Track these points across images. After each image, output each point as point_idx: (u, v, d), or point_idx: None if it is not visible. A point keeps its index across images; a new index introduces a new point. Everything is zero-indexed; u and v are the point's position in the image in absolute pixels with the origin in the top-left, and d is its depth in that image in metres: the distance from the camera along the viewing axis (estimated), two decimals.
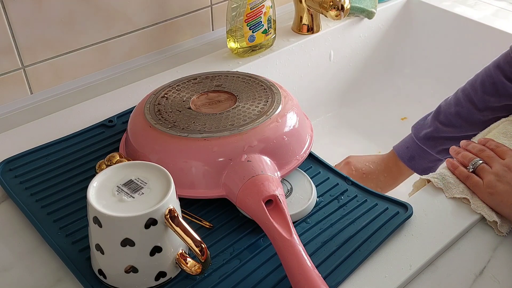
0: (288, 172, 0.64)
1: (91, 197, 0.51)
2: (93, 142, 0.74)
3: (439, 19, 1.13)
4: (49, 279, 0.57)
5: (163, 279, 0.54)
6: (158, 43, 0.95)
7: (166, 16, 0.93)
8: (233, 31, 0.93)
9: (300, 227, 0.62)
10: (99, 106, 0.82)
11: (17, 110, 0.82)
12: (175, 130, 0.63)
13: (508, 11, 1.11)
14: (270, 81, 0.73)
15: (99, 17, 0.85)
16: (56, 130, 0.76)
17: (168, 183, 0.53)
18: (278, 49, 0.98)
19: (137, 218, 0.50)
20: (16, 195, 0.65)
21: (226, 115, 0.66)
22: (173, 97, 0.70)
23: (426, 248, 0.60)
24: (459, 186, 0.66)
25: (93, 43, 0.87)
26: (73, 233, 0.60)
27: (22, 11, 0.78)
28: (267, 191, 0.57)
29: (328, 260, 0.57)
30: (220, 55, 0.96)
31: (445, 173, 0.68)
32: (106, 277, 0.54)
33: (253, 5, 0.90)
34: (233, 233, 0.61)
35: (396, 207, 0.64)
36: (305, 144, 0.68)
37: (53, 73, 0.85)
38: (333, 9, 0.92)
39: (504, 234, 0.62)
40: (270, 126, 0.64)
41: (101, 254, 0.53)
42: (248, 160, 0.61)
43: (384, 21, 1.15)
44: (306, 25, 1.02)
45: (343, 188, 0.67)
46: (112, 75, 0.91)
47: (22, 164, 0.70)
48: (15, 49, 0.79)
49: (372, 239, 0.60)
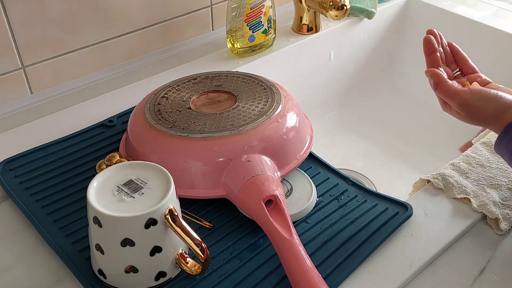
0: (288, 172, 0.64)
1: (91, 197, 0.51)
2: (93, 142, 0.74)
3: (439, 19, 1.13)
4: (49, 279, 0.57)
5: (163, 279, 0.55)
6: (158, 43, 0.95)
7: (166, 16, 0.93)
8: (233, 31, 0.93)
9: (300, 227, 0.62)
10: (99, 106, 0.82)
11: (17, 110, 0.82)
12: (175, 130, 0.63)
13: (508, 11, 1.10)
14: (270, 81, 0.73)
15: (99, 17, 0.85)
16: (56, 130, 0.76)
17: (168, 183, 0.53)
18: (278, 49, 0.98)
19: (137, 218, 0.50)
20: (16, 195, 0.65)
21: (226, 115, 0.66)
22: (173, 97, 0.70)
23: (426, 248, 0.60)
24: (459, 186, 0.67)
25: (93, 43, 0.87)
26: (73, 233, 0.60)
27: (22, 11, 0.77)
28: (267, 191, 0.57)
29: (328, 260, 0.57)
30: (220, 55, 0.96)
31: (445, 173, 0.68)
32: (106, 277, 0.54)
33: (253, 5, 0.90)
34: (233, 233, 0.61)
35: (396, 207, 0.64)
36: (305, 144, 0.68)
37: (53, 73, 0.85)
38: (333, 9, 0.92)
39: (504, 232, 0.62)
40: (270, 126, 0.64)
41: (101, 254, 0.53)
42: (248, 160, 0.61)
43: (384, 21, 1.15)
44: (306, 25, 1.02)
45: (343, 188, 0.67)
46: (112, 75, 0.91)
47: (22, 164, 0.70)
48: (15, 49, 0.79)
49: (372, 239, 0.60)
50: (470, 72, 0.68)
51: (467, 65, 0.69)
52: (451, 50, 0.70)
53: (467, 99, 0.60)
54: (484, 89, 0.61)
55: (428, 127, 1.11)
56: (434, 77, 0.64)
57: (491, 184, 0.67)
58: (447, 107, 0.65)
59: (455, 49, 0.70)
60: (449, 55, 0.69)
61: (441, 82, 0.63)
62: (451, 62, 0.69)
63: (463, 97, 0.61)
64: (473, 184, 0.67)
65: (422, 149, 1.07)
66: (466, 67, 0.69)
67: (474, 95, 0.60)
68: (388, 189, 0.86)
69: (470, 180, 0.68)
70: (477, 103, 0.60)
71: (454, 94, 0.62)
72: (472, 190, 0.66)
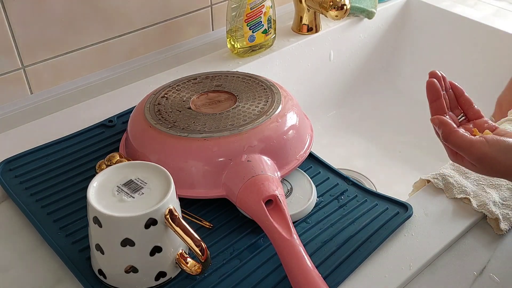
0: (288, 172, 0.64)
1: (91, 197, 0.51)
2: (93, 142, 0.74)
3: (439, 19, 1.13)
4: (49, 279, 0.57)
5: (163, 279, 0.55)
6: (158, 43, 0.95)
7: (166, 16, 0.93)
8: (233, 31, 0.93)
9: (300, 227, 0.62)
10: (99, 106, 0.82)
11: (17, 110, 0.82)
12: (175, 130, 0.63)
13: (508, 11, 1.10)
14: (270, 81, 0.73)
15: (99, 17, 0.85)
16: (56, 130, 0.76)
17: (168, 183, 0.53)
18: (278, 49, 0.98)
19: (137, 218, 0.50)
20: (16, 195, 0.65)
21: (226, 115, 0.66)
22: (173, 97, 0.70)
23: (426, 248, 0.60)
24: (459, 186, 0.67)
25: (93, 43, 0.87)
26: (73, 233, 0.60)
27: (22, 11, 0.77)
28: (267, 191, 0.57)
29: (328, 260, 0.57)
30: (220, 55, 0.96)
31: (445, 173, 0.68)
32: (106, 277, 0.54)
33: (253, 5, 0.90)
34: (233, 233, 0.61)
35: (396, 207, 0.64)
36: (305, 144, 0.68)
37: (53, 73, 0.85)
38: (333, 9, 0.92)
39: (504, 232, 0.62)
40: (270, 126, 0.64)
41: (101, 254, 0.53)
42: (248, 160, 0.61)
43: (384, 21, 1.15)
44: (306, 25, 1.02)
45: (343, 188, 0.67)
46: (112, 75, 0.91)
47: (22, 164, 0.70)
48: (15, 49, 0.79)
49: (372, 239, 0.60)
50: (476, 117, 0.63)
51: (472, 109, 0.63)
52: (454, 92, 0.64)
53: (485, 152, 0.55)
54: (503, 139, 0.55)
55: (428, 127, 1.10)
56: (443, 127, 0.57)
57: (491, 184, 0.67)
58: (458, 158, 0.59)
59: (459, 91, 0.64)
60: (453, 99, 0.64)
61: (452, 133, 0.57)
62: (455, 107, 0.64)
63: (481, 149, 0.55)
64: (473, 184, 0.67)
65: (422, 149, 1.07)
66: (471, 111, 0.63)
67: (493, 147, 0.55)
68: (388, 189, 0.85)
69: (470, 180, 0.68)
70: (496, 155, 0.54)
71: (470, 146, 0.55)
72: (472, 190, 0.66)
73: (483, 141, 0.55)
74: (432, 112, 0.62)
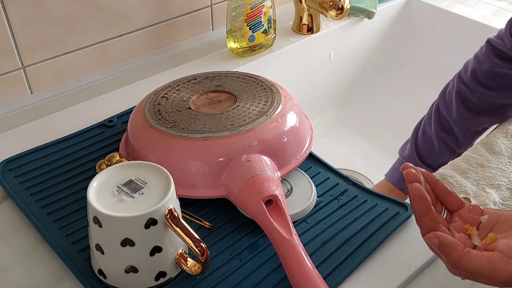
0: (288, 172, 0.64)
1: (91, 197, 0.51)
2: (93, 142, 0.74)
3: (439, 19, 1.13)
4: (49, 279, 0.57)
5: (163, 279, 0.55)
6: (158, 43, 0.95)
7: (166, 16, 0.93)
8: (233, 31, 0.93)
9: (300, 227, 0.62)
10: (99, 106, 0.82)
11: (17, 110, 0.82)
12: (175, 130, 0.63)
13: (508, 11, 1.11)
14: (270, 81, 0.73)
15: (99, 17, 0.85)
16: (56, 130, 0.76)
17: (168, 183, 0.53)
18: (278, 49, 0.98)
19: (137, 218, 0.50)
20: (16, 195, 0.65)
21: (226, 115, 0.66)
22: (173, 97, 0.70)
23: (426, 248, 0.59)
24: (459, 186, 0.67)
25: (93, 43, 0.87)
26: (73, 233, 0.60)
27: (22, 11, 0.77)
28: (267, 191, 0.57)
29: (328, 260, 0.57)
30: (220, 55, 0.96)
31: (445, 173, 0.68)
32: (106, 277, 0.54)
33: (253, 5, 0.90)
34: (233, 233, 0.61)
35: (396, 207, 0.64)
36: (305, 144, 0.68)
37: (53, 73, 0.85)
38: (333, 9, 0.92)
39: None
40: (270, 126, 0.64)
41: (101, 254, 0.53)
42: (248, 160, 0.61)
43: (384, 21, 1.15)
44: (306, 25, 1.02)
45: (343, 188, 0.67)
46: (112, 75, 0.91)
47: (22, 164, 0.70)
48: (15, 49, 0.79)
49: (372, 239, 0.60)
50: (456, 206, 0.53)
51: (451, 197, 0.53)
52: (428, 183, 0.52)
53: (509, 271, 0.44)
54: None
55: None
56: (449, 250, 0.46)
57: (491, 184, 0.67)
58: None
59: (432, 180, 0.53)
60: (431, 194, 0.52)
61: (464, 257, 0.46)
62: (435, 203, 0.52)
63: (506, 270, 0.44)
64: (473, 184, 0.67)
65: None
66: (450, 200, 0.53)
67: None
68: None
69: (470, 180, 0.68)
70: None
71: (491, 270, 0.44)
72: (472, 190, 0.66)
73: (503, 257, 0.44)
74: (423, 228, 0.49)
